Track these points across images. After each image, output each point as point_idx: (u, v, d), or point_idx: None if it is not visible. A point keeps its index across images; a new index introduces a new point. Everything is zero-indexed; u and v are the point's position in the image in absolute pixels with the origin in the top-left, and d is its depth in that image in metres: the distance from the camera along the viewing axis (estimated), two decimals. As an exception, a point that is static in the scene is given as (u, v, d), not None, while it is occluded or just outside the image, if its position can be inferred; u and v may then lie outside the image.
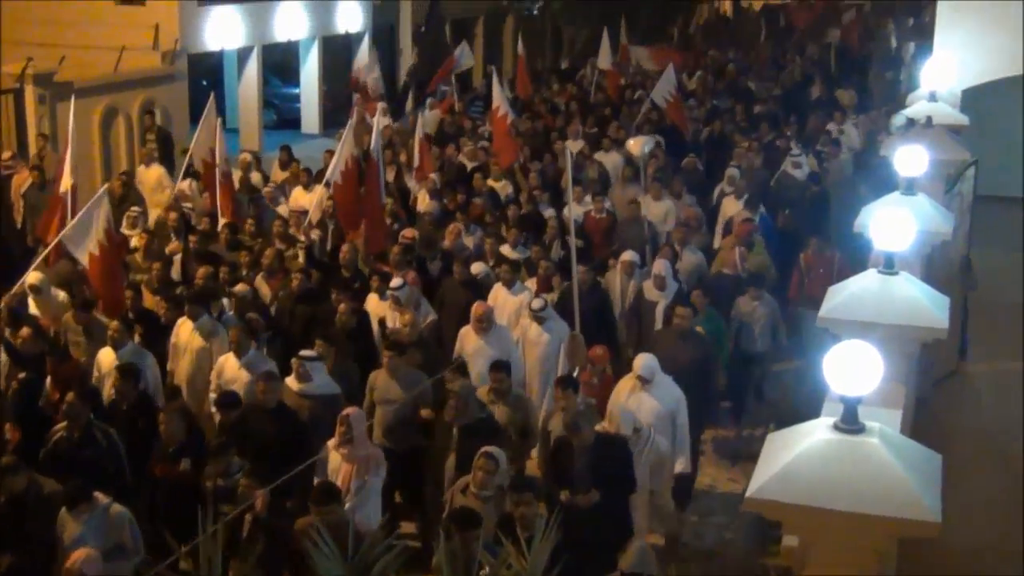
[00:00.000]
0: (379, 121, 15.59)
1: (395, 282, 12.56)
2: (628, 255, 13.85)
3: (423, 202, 17.13)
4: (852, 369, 5.43)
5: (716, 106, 24.50)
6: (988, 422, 13.76)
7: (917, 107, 15.45)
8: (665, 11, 39.03)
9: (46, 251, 13.46)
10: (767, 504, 5.41)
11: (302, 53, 30.04)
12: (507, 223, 15.53)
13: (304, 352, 10.70)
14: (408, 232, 14.80)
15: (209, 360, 11.55)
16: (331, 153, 17.81)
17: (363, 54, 30.35)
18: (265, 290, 13.52)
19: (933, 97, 15.42)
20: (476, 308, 11.86)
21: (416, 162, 18.14)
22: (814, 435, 5.53)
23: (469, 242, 15.10)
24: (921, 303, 7.50)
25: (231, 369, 11.08)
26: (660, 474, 9.93)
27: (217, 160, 16.04)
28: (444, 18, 32.07)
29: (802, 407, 11.01)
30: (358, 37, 31.37)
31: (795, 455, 5.44)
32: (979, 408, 14.30)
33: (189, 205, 16.95)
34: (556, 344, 11.99)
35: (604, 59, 25.77)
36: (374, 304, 13.00)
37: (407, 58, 32.95)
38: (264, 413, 9.97)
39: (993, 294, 15.90)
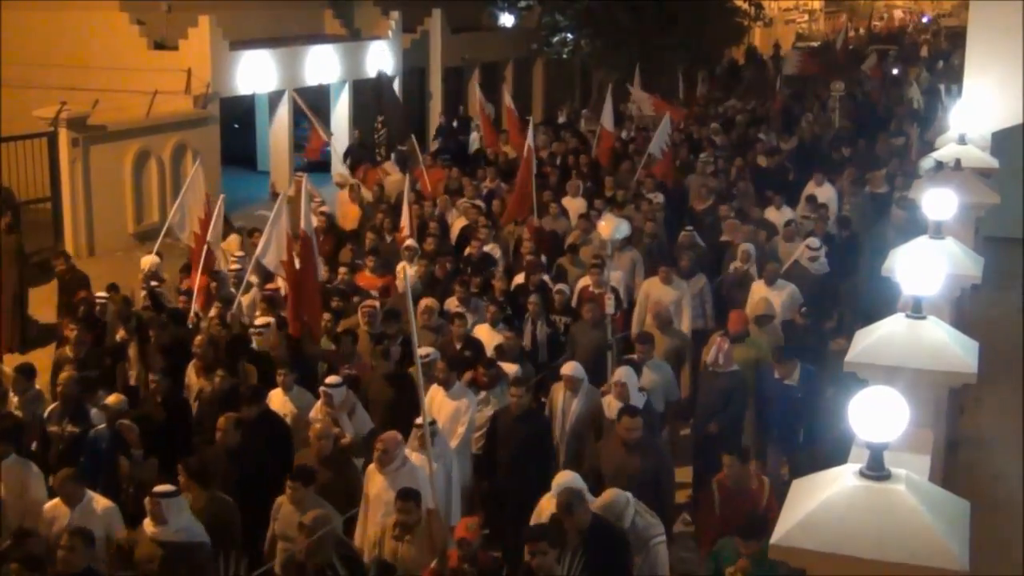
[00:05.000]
0: (306, 191, 14.13)
1: (332, 378, 10.80)
2: (570, 368, 11.38)
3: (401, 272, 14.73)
4: (878, 415, 5.36)
5: (717, 158, 22.78)
6: (1019, 467, 13.56)
7: (946, 150, 15.38)
8: (696, 55, 38.96)
9: None
10: (792, 552, 5.33)
11: (333, 96, 30.28)
12: (491, 296, 13.99)
13: (159, 487, 8.58)
14: (370, 302, 13.30)
15: (20, 511, 9.27)
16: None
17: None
18: (197, 386, 11.88)
19: (963, 140, 15.35)
20: (379, 440, 9.58)
21: (406, 229, 16.46)
22: (840, 482, 5.46)
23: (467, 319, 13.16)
24: (949, 348, 7.42)
25: (62, 520, 8.96)
26: None
27: (209, 235, 14.53)
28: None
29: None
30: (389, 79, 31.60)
31: (820, 502, 5.37)
32: (1010, 452, 14.10)
33: (156, 283, 15.03)
34: (443, 476, 9.91)
35: (607, 118, 23.97)
36: (279, 402, 11.12)
37: (436, 101, 33.15)
38: None
39: (1017, 336, 15.68)
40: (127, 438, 10.30)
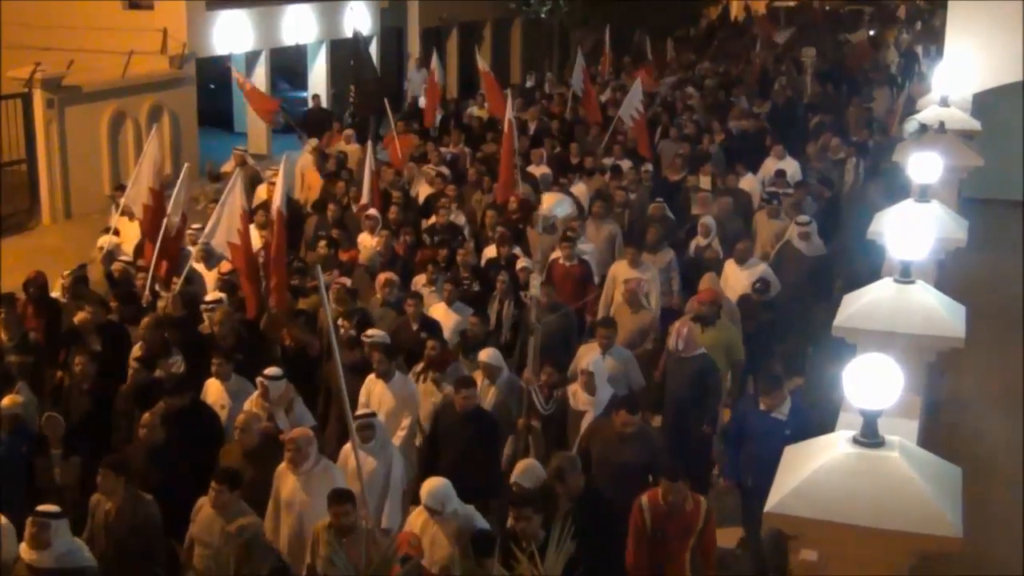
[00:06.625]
0: (286, 171, 13.21)
1: (271, 369, 10.05)
2: (487, 354, 10.58)
3: (364, 245, 14.21)
4: (872, 383, 5.36)
5: (697, 122, 22.15)
6: (1000, 428, 13.65)
7: (928, 112, 15.38)
8: (673, 17, 38.71)
9: None
10: (786, 518, 5.35)
11: (310, 57, 30.02)
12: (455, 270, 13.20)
13: (45, 507, 7.73)
14: (340, 280, 12.45)
15: None
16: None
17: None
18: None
19: (945, 102, 15.34)
20: (289, 439, 8.84)
21: (365, 197, 15.72)
22: (834, 449, 5.47)
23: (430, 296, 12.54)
24: (938, 312, 7.45)
25: None
26: None
27: (171, 207, 13.37)
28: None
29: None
30: (366, 41, 31.35)
31: (814, 469, 5.39)
32: (991, 413, 14.19)
33: (127, 257, 14.11)
34: (383, 474, 9.26)
35: (578, 81, 22.99)
36: (215, 392, 10.41)
37: (414, 62, 32.91)
38: None
39: (1003, 298, 15.77)
40: (47, 435, 9.58)
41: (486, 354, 10.55)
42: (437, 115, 23.69)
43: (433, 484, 8.31)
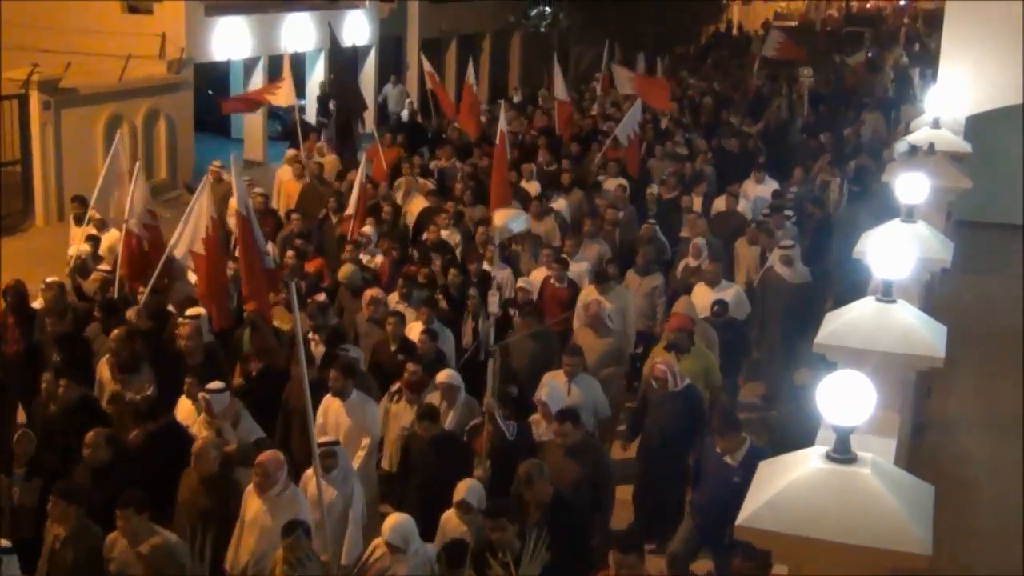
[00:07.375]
0: (237, 172, 12.74)
1: (214, 384, 9.79)
2: (445, 375, 10.21)
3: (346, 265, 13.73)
4: (845, 399, 5.40)
5: (689, 139, 22.17)
6: (985, 450, 13.69)
7: (920, 133, 15.45)
8: (673, 32, 38.77)
9: None
10: (757, 533, 5.37)
11: (308, 65, 30.06)
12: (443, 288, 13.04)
13: None
14: (319, 296, 12.28)
15: None
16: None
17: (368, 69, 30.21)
18: (111, 388, 10.69)
19: (936, 124, 15.41)
20: (258, 463, 8.59)
21: (351, 209, 15.57)
22: (806, 464, 5.50)
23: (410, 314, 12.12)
24: (917, 331, 7.49)
25: None
26: None
27: (126, 213, 13.21)
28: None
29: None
30: (365, 50, 31.41)
31: (786, 484, 5.41)
32: (976, 435, 14.23)
33: (107, 268, 13.56)
34: (342, 505, 9.00)
35: (559, 88, 22.79)
36: (185, 411, 10.19)
37: (414, 73, 32.95)
38: None
39: (994, 321, 15.82)
40: (15, 452, 9.18)
41: (444, 375, 10.22)
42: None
43: (397, 520, 8.07)
